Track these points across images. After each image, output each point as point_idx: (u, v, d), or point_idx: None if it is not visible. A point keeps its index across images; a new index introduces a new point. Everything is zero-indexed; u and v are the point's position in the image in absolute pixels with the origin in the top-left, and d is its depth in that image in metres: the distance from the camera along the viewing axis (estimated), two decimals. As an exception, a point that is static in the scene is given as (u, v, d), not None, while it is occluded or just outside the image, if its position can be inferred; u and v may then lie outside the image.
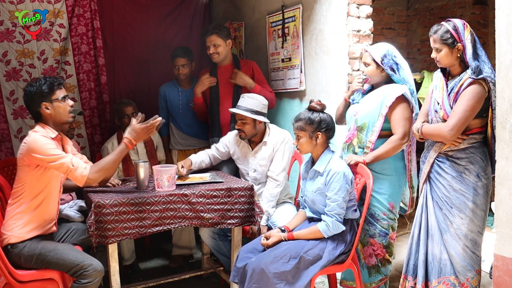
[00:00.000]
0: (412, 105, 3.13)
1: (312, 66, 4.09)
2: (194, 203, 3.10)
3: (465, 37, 2.73)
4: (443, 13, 6.22)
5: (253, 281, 2.69)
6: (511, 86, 2.50)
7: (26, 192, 2.86)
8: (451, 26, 2.75)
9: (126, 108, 4.10)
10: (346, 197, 2.83)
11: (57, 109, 2.91)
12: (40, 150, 2.76)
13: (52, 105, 2.90)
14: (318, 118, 2.90)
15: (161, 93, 4.57)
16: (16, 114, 4.29)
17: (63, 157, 2.81)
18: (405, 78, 3.17)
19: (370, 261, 3.20)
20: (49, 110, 2.90)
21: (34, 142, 2.78)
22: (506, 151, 2.56)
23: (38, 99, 2.87)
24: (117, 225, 2.90)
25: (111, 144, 4.12)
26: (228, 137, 3.80)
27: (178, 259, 4.25)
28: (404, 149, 3.14)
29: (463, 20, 2.80)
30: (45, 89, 2.87)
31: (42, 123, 2.93)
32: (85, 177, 2.84)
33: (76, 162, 2.84)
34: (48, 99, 2.89)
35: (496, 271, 2.66)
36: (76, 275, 2.76)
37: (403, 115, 3.07)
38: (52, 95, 2.89)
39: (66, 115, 2.97)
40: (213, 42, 4.15)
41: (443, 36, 2.75)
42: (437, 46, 2.80)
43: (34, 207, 2.87)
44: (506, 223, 2.59)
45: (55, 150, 2.81)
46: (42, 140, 2.79)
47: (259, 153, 3.62)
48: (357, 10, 3.75)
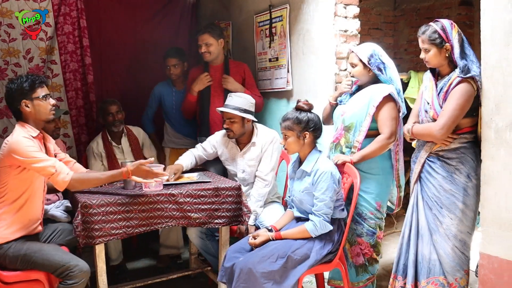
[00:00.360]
0: (399, 105, 3.15)
1: (300, 66, 4.09)
2: (182, 203, 3.09)
3: (452, 36, 2.75)
4: (430, 14, 6.26)
5: (241, 281, 2.69)
6: (496, 86, 2.53)
7: (8, 193, 2.82)
8: (439, 27, 2.77)
9: (110, 107, 4.07)
10: (334, 197, 2.84)
11: (37, 108, 2.88)
12: (22, 151, 2.73)
13: (32, 103, 2.86)
14: (306, 118, 2.91)
15: (155, 93, 4.57)
16: (1, 113, 4.24)
17: (46, 160, 2.78)
18: (392, 78, 3.19)
19: (358, 260, 3.21)
20: (29, 108, 2.86)
21: (16, 144, 2.75)
22: (491, 151, 2.59)
23: (18, 96, 2.84)
24: (104, 225, 2.88)
25: (96, 144, 4.09)
26: (216, 137, 3.78)
27: (165, 259, 4.24)
28: (391, 148, 3.16)
29: (450, 20, 2.82)
30: (26, 87, 2.83)
31: (22, 122, 2.89)
32: (66, 183, 2.80)
33: (59, 167, 2.81)
34: (29, 97, 2.85)
35: (482, 270, 2.69)
36: (62, 276, 2.74)
37: (390, 115, 3.08)
38: (33, 93, 2.86)
39: (46, 114, 2.92)
40: (205, 41, 4.15)
41: (431, 36, 2.77)
42: (425, 47, 2.81)
43: (18, 208, 2.84)
44: (492, 222, 2.62)
45: (37, 153, 2.77)
46: (24, 142, 2.76)
47: (247, 153, 3.62)
48: (344, 10, 3.76)
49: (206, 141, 3.80)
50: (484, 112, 2.62)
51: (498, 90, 2.52)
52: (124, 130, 4.19)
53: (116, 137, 4.16)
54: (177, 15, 5.26)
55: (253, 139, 3.60)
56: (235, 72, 4.28)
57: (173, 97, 4.52)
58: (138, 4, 5.02)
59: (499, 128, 2.53)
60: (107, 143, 4.10)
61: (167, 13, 5.20)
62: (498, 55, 2.51)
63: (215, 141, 3.76)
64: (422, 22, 6.23)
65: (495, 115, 2.55)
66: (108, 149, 4.09)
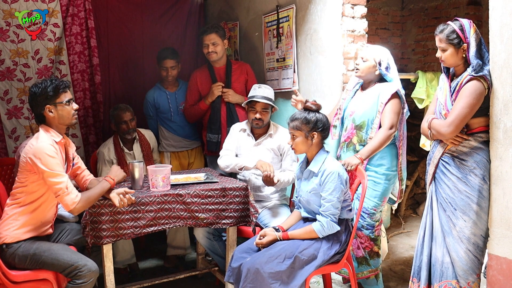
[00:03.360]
0: (404, 101, 3.26)
1: (307, 66, 4.09)
2: (189, 203, 3.09)
3: (470, 35, 2.70)
4: (438, 13, 6.23)
5: (248, 281, 2.69)
6: (504, 86, 2.52)
7: (25, 196, 2.84)
8: (457, 26, 2.72)
9: (124, 114, 4.02)
10: (341, 197, 2.83)
11: (61, 113, 2.87)
12: (45, 161, 2.72)
13: (56, 108, 2.85)
14: (314, 118, 2.90)
15: (149, 101, 4.50)
16: (10, 114, 4.27)
17: (62, 176, 2.77)
18: (395, 78, 3.30)
19: (358, 253, 3.29)
20: (53, 114, 2.85)
21: (40, 150, 2.73)
22: (500, 151, 2.58)
23: (43, 101, 2.83)
24: (112, 225, 2.89)
25: (107, 150, 4.05)
26: (231, 137, 3.77)
27: (173, 259, 4.25)
28: (396, 144, 3.28)
29: (470, 20, 2.77)
30: (50, 92, 2.82)
31: (45, 126, 2.89)
32: (74, 204, 2.77)
33: (70, 187, 2.79)
34: (53, 102, 2.84)
35: (490, 271, 2.68)
36: (71, 275, 2.75)
37: (393, 109, 3.18)
38: (56, 98, 2.85)
39: (69, 119, 2.92)
40: (212, 40, 4.15)
41: (449, 36, 2.72)
42: (442, 46, 2.77)
43: (31, 210, 2.85)
44: (500, 222, 2.61)
45: (58, 166, 2.76)
46: (49, 150, 2.75)
47: (263, 143, 3.66)
48: (351, 10, 3.75)
49: (228, 142, 3.77)
50: (493, 112, 2.60)
51: (507, 90, 2.51)
52: (136, 136, 4.17)
53: (128, 143, 4.14)
54: (184, 16, 5.28)
55: (270, 131, 3.68)
56: (238, 72, 4.29)
57: (168, 100, 4.48)
58: (146, 5, 5.03)
59: (507, 128, 2.51)
60: (119, 149, 4.06)
61: (174, 14, 5.21)
62: (506, 54, 2.50)
63: (232, 141, 3.76)
64: (429, 22, 6.28)
65: (503, 115, 2.53)
66: (120, 155, 4.05)
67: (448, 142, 2.79)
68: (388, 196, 3.35)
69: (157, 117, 4.55)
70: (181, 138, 4.56)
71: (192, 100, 4.36)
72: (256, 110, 3.59)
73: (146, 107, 4.53)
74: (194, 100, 4.35)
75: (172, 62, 4.38)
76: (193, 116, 4.40)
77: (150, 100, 4.50)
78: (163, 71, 4.41)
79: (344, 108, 3.43)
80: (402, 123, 3.32)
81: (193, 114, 4.39)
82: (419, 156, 5.58)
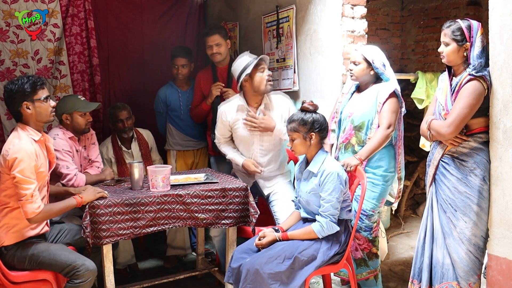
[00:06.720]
0: (401, 101, 3.26)
1: (307, 67, 4.09)
2: (189, 204, 3.09)
3: (477, 35, 2.69)
4: (437, 14, 6.23)
5: (248, 282, 2.69)
6: (504, 86, 2.52)
7: (12, 202, 2.81)
8: (464, 24, 2.72)
9: (120, 113, 4.04)
10: (340, 198, 2.83)
11: (39, 110, 2.85)
12: (20, 165, 2.68)
13: (33, 105, 2.83)
14: (311, 119, 2.90)
15: (161, 97, 4.51)
16: (9, 114, 4.27)
17: (32, 183, 2.71)
18: (391, 77, 3.29)
19: (356, 254, 3.29)
20: (30, 110, 2.83)
21: (17, 155, 2.69)
22: (499, 151, 2.57)
23: (19, 98, 2.80)
24: (111, 225, 2.89)
25: (105, 149, 4.08)
26: (226, 117, 3.64)
27: (172, 259, 4.25)
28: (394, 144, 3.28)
29: (479, 22, 2.77)
30: (27, 88, 2.80)
31: (22, 124, 2.87)
32: (34, 214, 2.72)
33: (36, 196, 2.73)
34: (30, 98, 2.82)
35: (490, 271, 2.68)
36: (69, 275, 2.76)
37: (390, 108, 3.17)
38: (34, 94, 2.83)
39: (47, 116, 2.90)
40: (216, 41, 4.13)
41: (455, 31, 2.72)
42: (446, 40, 2.77)
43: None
44: (500, 223, 2.60)
45: (32, 175, 2.72)
46: (26, 157, 2.70)
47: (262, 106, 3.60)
48: (351, 11, 3.75)
49: (220, 128, 3.70)
50: (493, 113, 2.60)
51: (507, 90, 2.50)
52: (134, 134, 4.18)
53: (126, 142, 4.16)
54: (184, 16, 5.27)
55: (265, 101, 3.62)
56: None
57: (179, 98, 4.50)
58: (145, 5, 5.03)
59: (507, 128, 2.51)
60: (117, 148, 4.09)
61: (174, 14, 5.20)
62: (506, 54, 2.50)
63: (228, 121, 3.64)
64: (429, 22, 6.28)
65: (503, 116, 2.53)
66: (118, 154, 4.08)
67: (447, 143, 2.79)
68: (386, 198, 3.34)
69: (167, 114, 4.55)
70: (189, 137, 4.56)
71: (197, 101, 4.36)
72: (264, 68, 3.52)
73: (156, 103, 4.55)
74: (198, 101, 4.35)
75: (184, 60, 4.38)
76: (198, 116, 4.41)
77: (162, 96, 4.51)
78: (174, 69, 4.42)
79: (341, 111, 3.43)
80: (400, 122, 3.32)
81: (197, 115, 4.39)
82: (419, 157, 5.58)
